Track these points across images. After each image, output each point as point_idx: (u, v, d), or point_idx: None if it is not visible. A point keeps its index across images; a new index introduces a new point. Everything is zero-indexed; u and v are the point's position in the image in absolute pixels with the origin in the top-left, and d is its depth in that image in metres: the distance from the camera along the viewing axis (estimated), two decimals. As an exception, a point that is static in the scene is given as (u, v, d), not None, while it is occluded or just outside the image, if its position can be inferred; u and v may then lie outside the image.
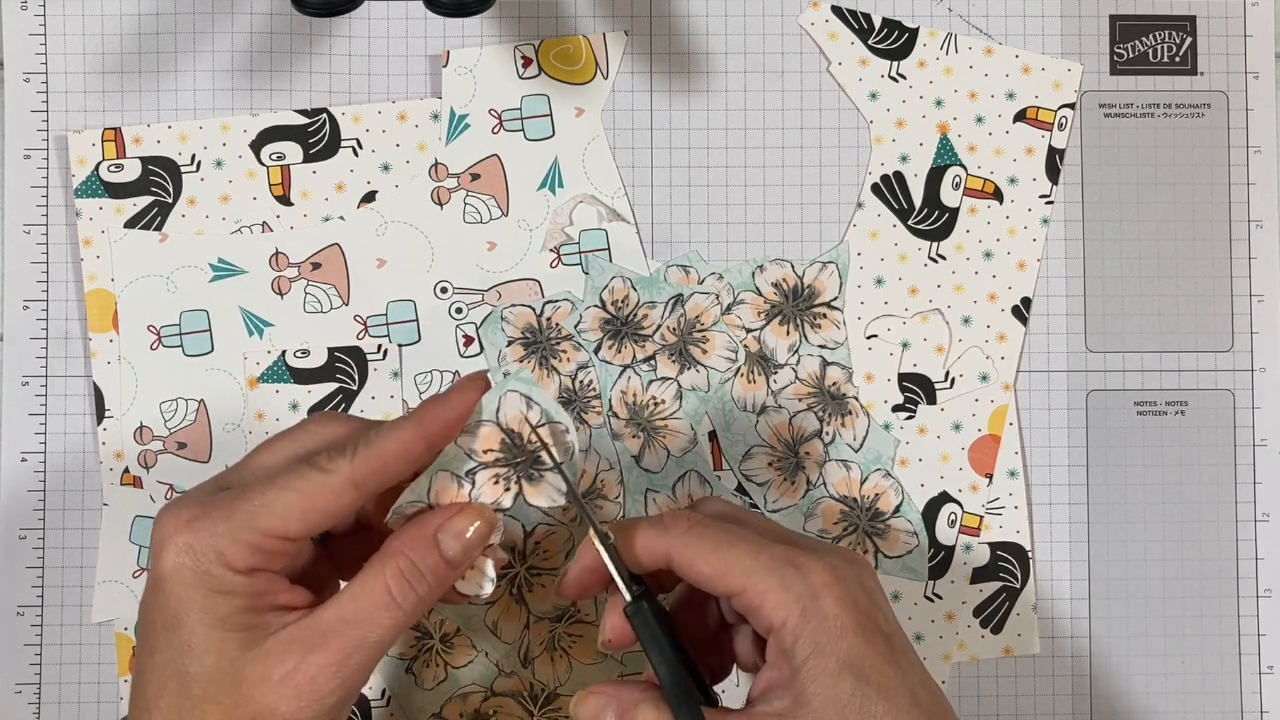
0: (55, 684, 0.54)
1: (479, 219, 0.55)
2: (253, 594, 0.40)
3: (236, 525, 0.39)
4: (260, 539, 0.39)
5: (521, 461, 0.42)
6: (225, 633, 0.39)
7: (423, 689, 0.54)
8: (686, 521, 0.43)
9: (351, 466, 0.40)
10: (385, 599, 0.40)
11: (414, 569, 0.40)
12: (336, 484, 0.40)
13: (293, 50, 0.55)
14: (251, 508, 0.40)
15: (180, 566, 0.39)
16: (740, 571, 0.41)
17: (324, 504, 0.40)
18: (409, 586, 0.40)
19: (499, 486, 0.42)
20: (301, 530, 0.40)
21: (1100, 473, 0.55)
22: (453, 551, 0.41)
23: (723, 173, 0.55)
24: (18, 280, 0.54)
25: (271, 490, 0.40)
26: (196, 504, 0.40)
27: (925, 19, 0.55)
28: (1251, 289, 0.56)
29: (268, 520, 0.39)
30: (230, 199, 0.54)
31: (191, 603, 0.39)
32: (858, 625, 0.41)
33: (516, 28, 0.55)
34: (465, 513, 0.41)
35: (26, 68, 0.55)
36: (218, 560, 0.39)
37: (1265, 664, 0.55)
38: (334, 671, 0.39)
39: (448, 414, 0.41)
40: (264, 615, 0.40)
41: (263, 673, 0.39)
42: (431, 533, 0.41)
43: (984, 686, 0.54)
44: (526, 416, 0.42)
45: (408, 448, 0.41)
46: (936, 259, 0.55)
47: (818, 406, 0.54)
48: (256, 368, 0.54)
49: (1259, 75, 0.56)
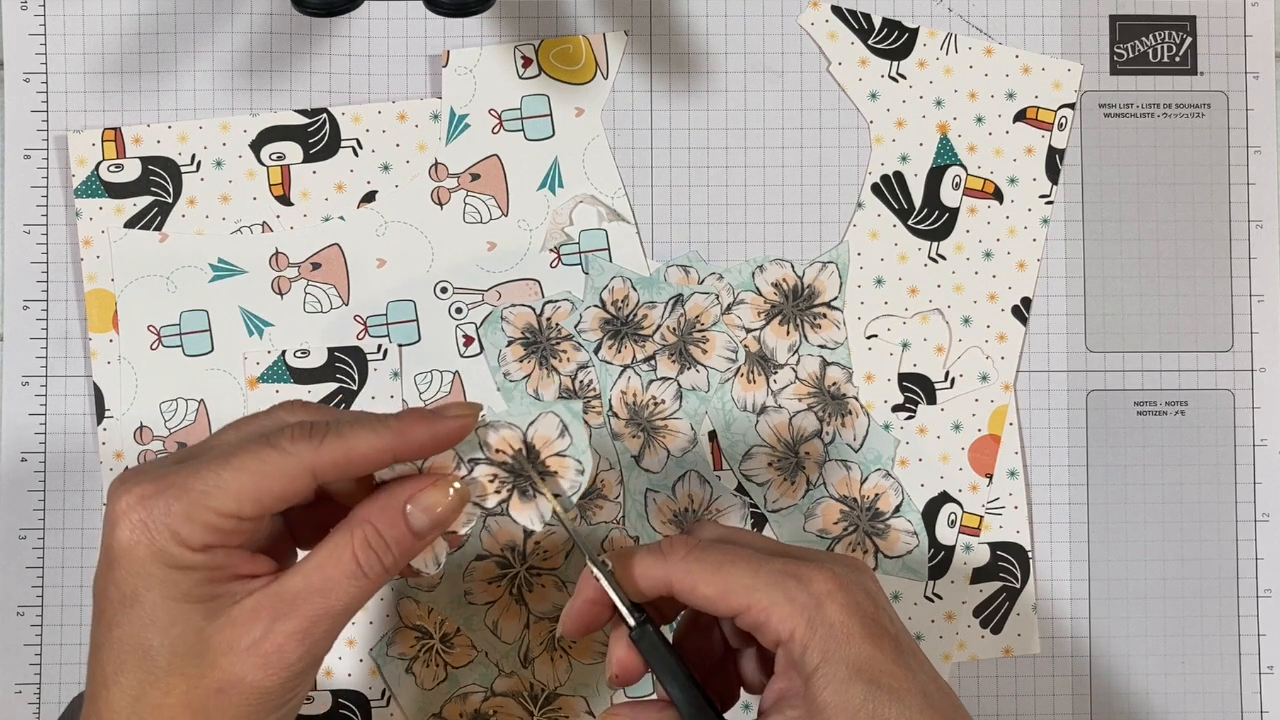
0: (55, 684, 0.54)
1: (479, 219, 0.55)
2: (211, 567, 0.39)
3: (190, 505, 0.38)
4: (214, 518, 0.39)
5: (525, 476, 0.42)
6: (188, 604, 0.39)
7: (423, 689, 0.54)
8: (684, 546, 0.43)
9: (315, 454, 0.39)
10: (352, 568, 0.40)
11: (380, 539, 0.40)
12: (294, 468, 0.39)
13: (293, 50, 0.55)
14: (205, 486, 0.39)
15: (135, 543, 0.38)
16: (742, 590, 0.41)
17: (279, 487, 0.39)
18: (375, 557, 0.40)
19: (491, 485, 0.42)
20: (255, 511, 0.39)
21: (1100, 473, 0.55)
22: (420, 524, 0.41)
23: (723, 173, 0.55)
24: (18, 280, 0.54)
25: (226, 470, 0.39)
26: (150, 480, 0.39)
27: (925, 19, 0.55)
28: (1251, 289, 0.56)
29: (220, 500, 0.38)
30: (230, 199, 0.54)
31: (150, 577, 0.39)
32: (864, 630, 0.41)
33: (516, 28, 0.55)
34: (438, 486, 0.41)
35: (26, 68, 0.55)
36: (173, 539, 0.38)
37: (1265, 664, 0.55)
38: (300, 639, 0.39)
39: (426, 436, 0.41)
40: (226, 585, 0.39)
41: (229, 641, 0.39)
42: (401, 503, 0.41)
43: (984, 686, 0.54)
44: (554, 440, 0.42)
45: (377, 453, 0.40)
46: (936, 259, 0.55)
47: (818, 406, 0.54)
48: (256, 368, 0.54)
49: (1259, 75, 0.56)
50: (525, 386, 0.54)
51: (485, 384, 0.54)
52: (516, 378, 0.54)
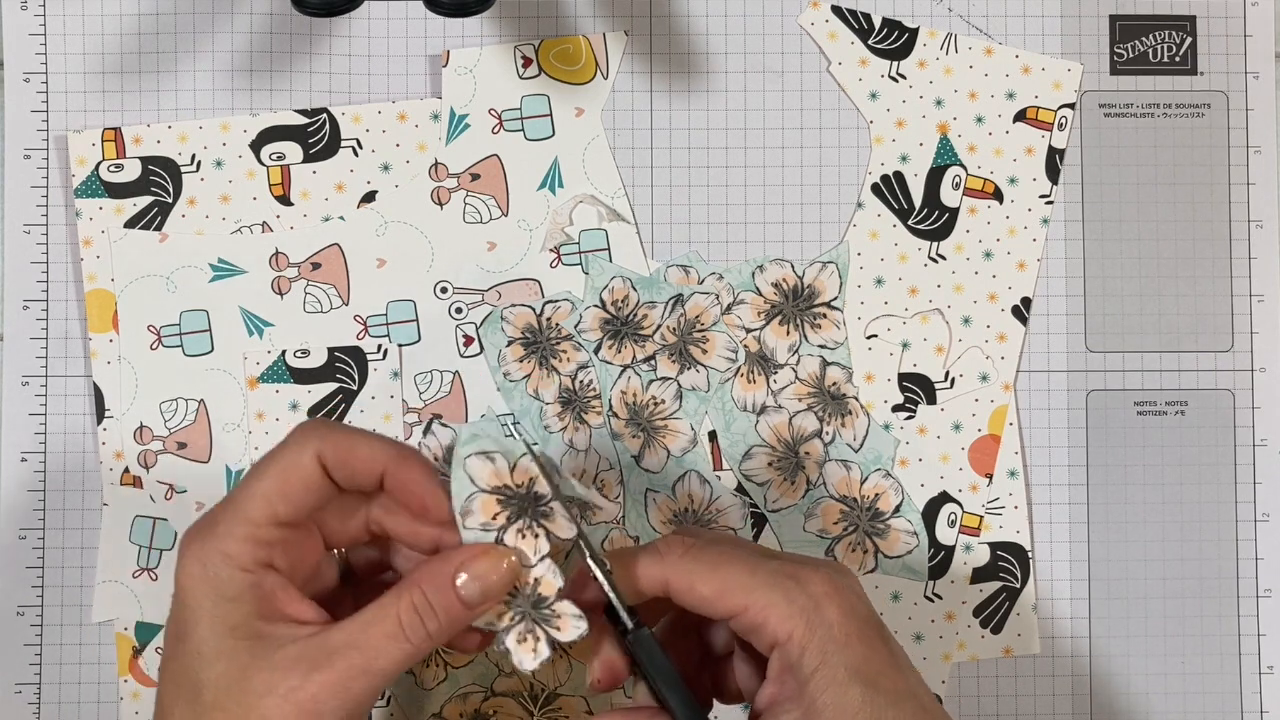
0: (55, 684, 0.54)
1: (479, 219, 0.55)
2: (259, 598, 0.40)
3: (232, 521, 0.40)
4: (254, 529, 0.40)
5: (527, 507, 0.42)
6: (235, 640, 0.40)
7: (423, 689, 0.54)
8: (681, 545, 0.43)
9: (321, 440, 0.41)
10: (394, 629, 0.40)
11: (427, 604, 0.40)
12: (305, 458, 0.41)
13: (293, 50, 0.55)
14: (239, 501, 0.41)
15: (191, 575, 0.40)
16: (740, 590, 0.41)
17: (297, 477, 0.41)
18: (419, 621, 0.40)
19: (528, 540, 0.42)
20: (288, 510, 0.41)
21: (1100, 473, 0.55)
22: (469, 592, 0.41)
23: (723, 173, 0.55)
24: (18, 280, 0.54)
25: (253, 481, 0.41)
26: (206, 518, 0.42)
27: (925, 19, 0.55)
28: (1251, 289, 0.56)
29: (255, 508, 0.40)
30: (230, 199, 0.54)
31: (202, 610, 0.40)
32: (861, 633, 0.41)
33: (516, 28, 0.55)
34: (489, 554, 0.41)
35: (26, 68, 0.55)
36: (224, 561, 0.40)
37: (1265, 664, 0.55)
38: (335, 693, 0.39)
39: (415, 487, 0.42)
40: (274, 624, 0.40)
41: (269, 684, 0.39)
42: (452, 570, 0.41)
43: (984, 686, 0.54)
44: (496, 471, 0.42)
45: (376, 457, 0.42)
46: (936, 259, 0.55)
47: (818, 406, 0.54)
48: (256, 368, 0.54)
49: (1259, 75, 0.56)
50: (525, 386, 0.54)
51: (485, 384, 0.54)
52: (516, 378, 0.54)
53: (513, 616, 0.42)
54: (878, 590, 0.54)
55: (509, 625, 0.42)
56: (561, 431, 0.54)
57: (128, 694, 0.53)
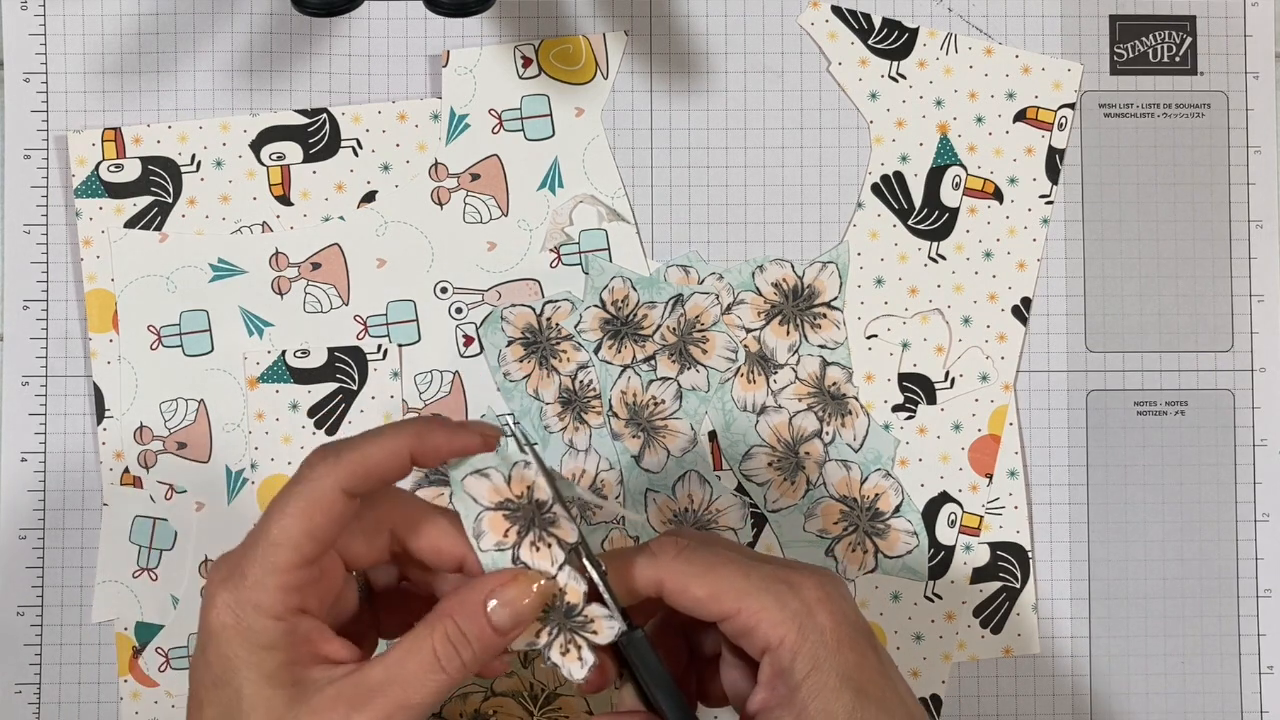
0: (55, 684, 0.54)
1: (479, 219, 0.55)
2: (294, 644, 0.40)
3: (261, 569, 0.40)
4: (284, 576, 0.40)
5: (534, 517, 0.42)
6: (272, 689, 0.39)
7: (423, 689, 0.54)
8: (674, 546, 0.43)
9: (336, 470, 0.40)
10: (431, 662, 0.40)
11: (460, 635, 0.40)
12: (324, 490, 0.40)
13: (293, 50, 0.55)
14: (265, 546, 0.40)
15: (224, 625, 0.40)
16: (734, 593, 0.41)
17: (320, 513, 0.40)
18: (454, 651, 0.40)
19: (542, 551, 0.41)
20: (313, 548, 0.40)
21: (1100, 473, 0.55)
22: (501, 620, 0.40)
23: (723, 173, 0.55)
24: (18, 280, 0.54)
25: (275, 522, 0.40)
26: (231, 562, 0.41)
27: (925, 19, 0.55)
28: (1251, 289, 0.56)
29: (281, 552, 0.40)
30: (230, 199, 0.54)
31: (238, 659, 0.39)
32: (852, 640, 0.41)
33: (516, 28, 0.55)
34: (518, 581, 0.41)
35: (26, 68, 0.55)
36: (256, 611, 0.39)
37: (1265, 664, 0.55)
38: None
39: (445, 444, 0.41)
40: (309, 669, 0.40)
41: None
42: (482, 598, 0.40)
43: (984, 686, 0.54)
44: (495, 487, 0.42)
45: (393, 457, 0.41)
46: (936, 259, 0.55)
47: (818, 406, 0.54)
48: (256, 368, 0.54)
49: (1259, 75, 0.56)
50: (525, 386, 0.54)
51: (485, 384, 0.54)
52: (516, 378, 0.54)
53: (550, 631, 0.41)
54: (878, 590, 0.54)
55: (549, 640, 0.41)
56: (561, 431, 0.54)
57: (128, 694, 0.53)
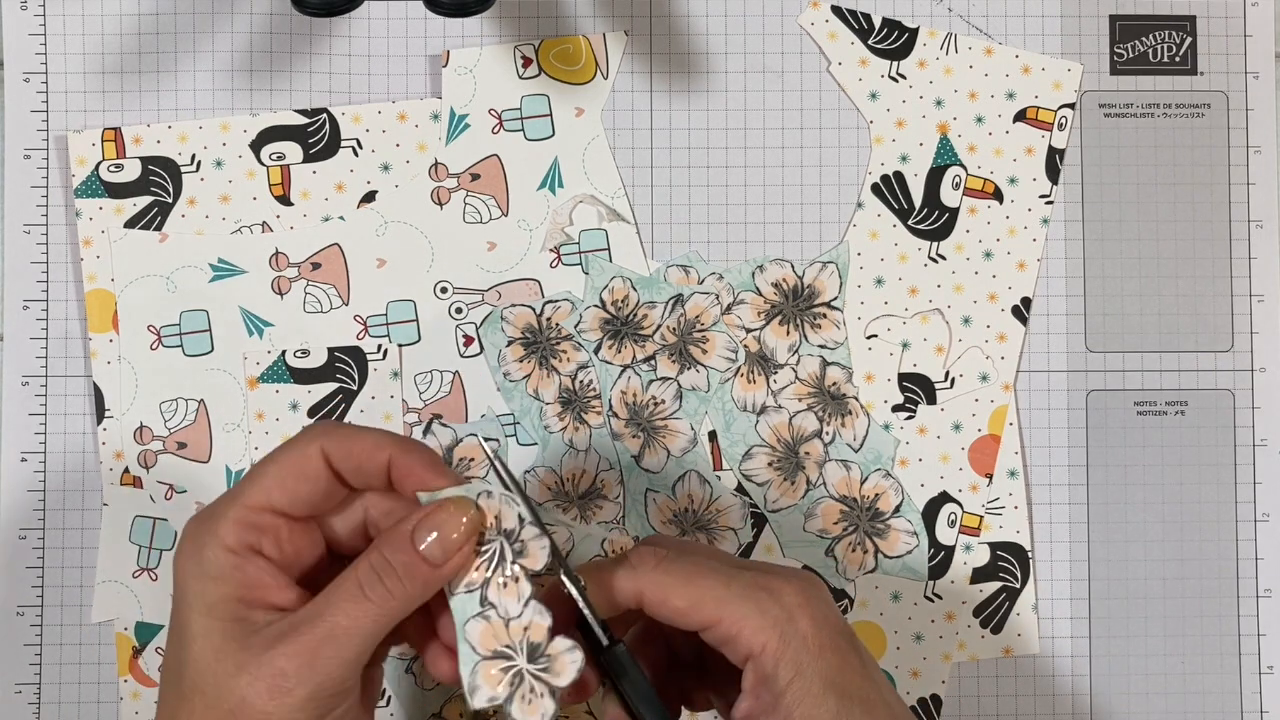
0: (55, 684, 0.54)
1: (479, 219, 0.55)
2: (243, 583, 0.40)
3: (227, 504, 0.41)
4: (248, 513, 0.41)
5: (501, 552, 0.42)
6: (212, 620, 0.40)
7: (423, 689, 0.54)
8: (654, 557, 0.43)
9: (325, 436, 0.42)
10: (353, 590, 0.40)
11: (385, 562, 0.40)
12: (308, 452, 0.41)
13: (293, 50, 0.55)
14: (239, 488, 0.42)
15: (182, 553, 0.41)
16: (714, 602, 0.41)
17: (297, 470, 0.41)
18: (377, 578, 0.40)
19: (509, 587, 0.41)
20: (284, 499, 0.41)
21: (1100, 473, 0.55)
22: (431, 551, 0.40)
23: (723, 173, 0.55)
24: (18, 280, 0.54)
25: (255, 470, 0.42)
26: (208, 506, 0.42)
27: (925, 19, 0.55)
28: (1251, 289, 0.56)
29: (252, 494, 0.41)
30: (230, 199, 0.54)
31: (188, 590, 0.41)
32: (834, 643, 0.41)
33: (516, 28, 0.55)
34: (444, 508, 0.41)
35: (26, 68, 0.55)
36: (211, 539, 0.41)
37: (1265, 664, 0.55)
38: (302, 664, 0.39)
39: (418, 470, 0.42)
40: (253, 610, 0.40)
41: (241, 664, 0.39)
42: (408, 529, 0.41)
43: (984, 686, 0.54)
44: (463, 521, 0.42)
45: (377, 448, 0.42)
46: (936, 259, 0.55)
47: (818, 406, 0.54)
48: (256, 368, 0.54)
49: (1259, 75, 0.56)
50: (525, 386, 0.54)
51: (485, 384, 0.54)
52: (516, 378, 0.54)
53: (511, 682, 0.41)
54: (878, 590, 0.54)
55: (509, 693, 0.41)
56: (561, 431, 0.54)
57: (128, 694, 0.53)
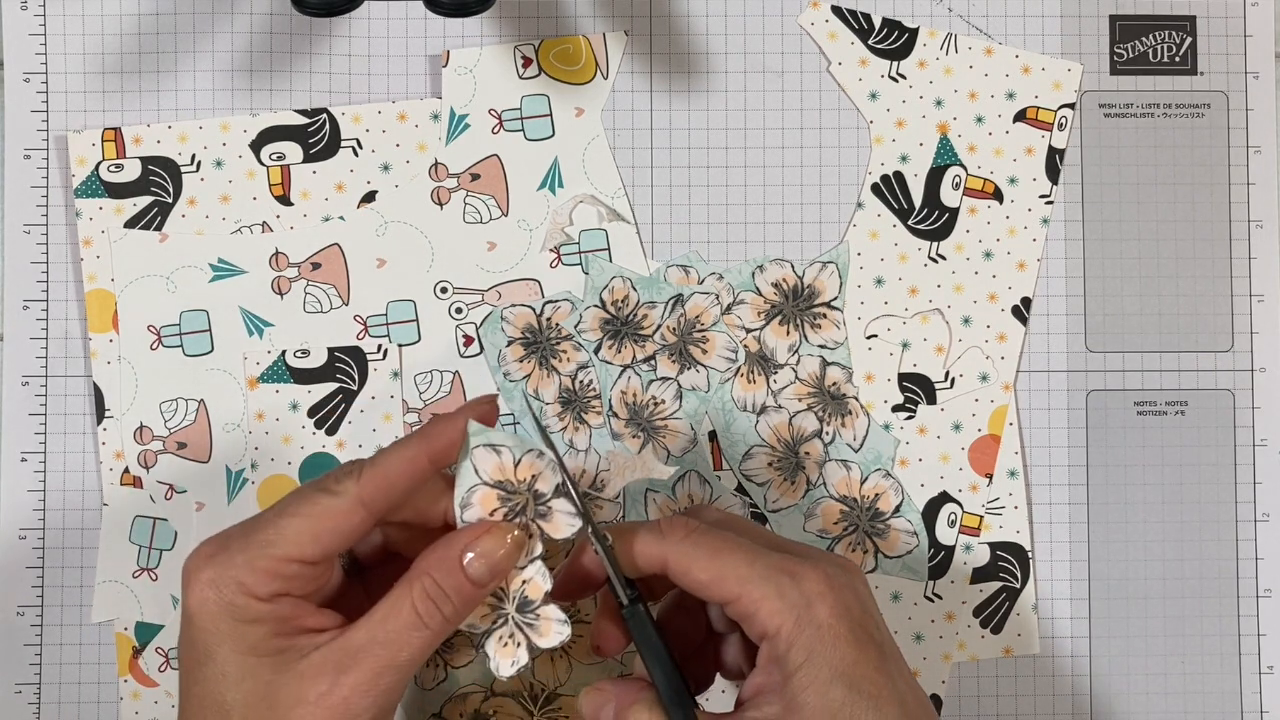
0: (55, 684, 0.54)
1: (479, 219, 0.55)
2: (278, 619, 0.41)
3: (253, 554, 0.40)
4: (277, 565, 0.40)
5: (525, 505, 0.42)
6: (257, 659, 0.40)
7: (423, 689, 0.54)
8: (684, 528, 0.43)
9: (358, 486, 0.41)
10: (413, 619, 0.41)
11: (439, 589, 0.41)
12: (345, 504, 0.41)
13: (293, 50, 0.55)
14: (266, 536, 0.40)
15: (205, 600, 0.40)
16: (736, 579, 0.42)
17: (334, 524, 0.41)
18: (434, 607, 0.41)
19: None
20: (316, 553, 0.41)
21: (1100, 473, 0.55)
22: (477, 572, 0.41)
23: (723, 173, 0.55)
24: (18, 280, 0.54)
25: (283, 518, 0.41)
26: (218, 541, 0.41)
27: (925, 19, 0.55)
28: (1251, 289, 0.56)
29: (282, 546, 0.40)
30: (230, 199, 0.54)
31: (221, 634, 0.40)
32: (850, 634, 0.41)
33: (516, 28, 0.55)
34: (492, 533, 0.42)
35: (26, 68, 0.55)
36: (240, 590, 0.40)
37: (1265, 664, 0.55)
38: (366, 691, 0.40)
39: (453, 431, 0.42)
40: (293, 639, 0.41)
41: (298, 695, 0.40)
42: (458, 553, 0.41)
43: (984, 686, 0.54)
44: (500, 465, 0.42)
45: (413, 464, 0.42)
46: (936, 259, 0.55)
47: (818, 406, 0.54)
48: (256, 368, 0.54)
49: (1259, 75, 0.56)
50: (525, 386, 0.54)
51: (485, 384, 0.54)
52: (516, 378, 0.54)
53: (495, 619, 0.42)
54: (878, 590, 0.54)
55: (490, 629, 0.42)
56: (561, 431, 0.54)
57: (128, 694, 0.53)
